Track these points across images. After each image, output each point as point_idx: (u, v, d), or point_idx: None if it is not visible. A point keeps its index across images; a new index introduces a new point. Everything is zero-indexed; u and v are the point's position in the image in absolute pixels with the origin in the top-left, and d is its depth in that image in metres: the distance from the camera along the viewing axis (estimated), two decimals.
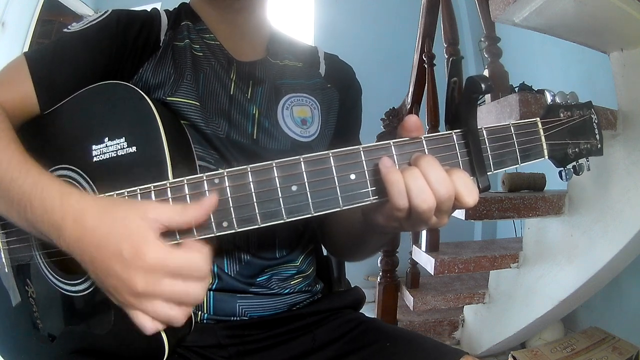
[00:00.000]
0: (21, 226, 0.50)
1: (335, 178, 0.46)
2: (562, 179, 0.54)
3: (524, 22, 1.25)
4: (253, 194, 0.45)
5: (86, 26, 0.64)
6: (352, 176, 0.46)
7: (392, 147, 0.47)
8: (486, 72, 1.58)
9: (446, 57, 1.73)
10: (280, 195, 0.45)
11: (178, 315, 0.44)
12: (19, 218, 0.49)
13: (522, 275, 1.70)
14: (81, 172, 0.55)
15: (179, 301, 0.43)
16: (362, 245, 0.68)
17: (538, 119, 0.51)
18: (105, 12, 0.65)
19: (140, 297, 0.43)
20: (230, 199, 0.45)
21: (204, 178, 0.45)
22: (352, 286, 0.83)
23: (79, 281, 0.56)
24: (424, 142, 0.47)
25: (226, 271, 0.65)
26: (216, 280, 0.65)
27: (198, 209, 0.45)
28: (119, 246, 0.42)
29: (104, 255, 0.43)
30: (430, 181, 0.44)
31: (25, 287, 0.63)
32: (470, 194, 0.45)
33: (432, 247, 1.73)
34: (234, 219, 0.45)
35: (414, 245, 1.86)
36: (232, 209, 0.45)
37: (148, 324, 0.44)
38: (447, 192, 0.44)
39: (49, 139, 0.59)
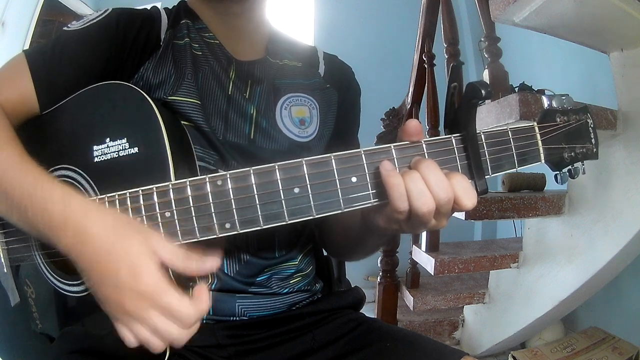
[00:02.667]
0: (21, 227, 0.50)
1: (337, 180, 0.46)
2: (557, 182, 0.55)
3: (524, 22, 1.25)
4: (255, 195, 0.45)
5: (86, 25, 0.63)
6: (354, 179, 0.46)
7: (393, 150, 0.47)
8: (486, 72, 1.58)
9: (446, 57, 1.73)
10: (282, 197, 0.45)
11: (157, 344, 0.45)
12: (19, 218, 0.49)
13: (522, 275, 1.70)
14: (82, 173, 0.55)
15: (160, 335, 0.44)
16: (360, 245, 0.68)
17: (535, 123, 0.52)
18: (105, 10, 0.65)
19: (126, 316, 0.44)
20: (233, 200, 0.45)
21: (207, 179, 0.46)
22: (352, 286, 0.83)
23: (79, 281, 0.56)
24: (423, 145, 0.48)
25: (226, 271, 0.65)
26: (215, 281, 0.65)
27: (199, 265, 0.46)
28: (117, 266, 0.44)
29: (102, 269, 0.44)
30: (430, 185, 0.45)
31: (25, 287, 0.63)
32: (468, 197, 0.46)
33: (432, 247, 1.73)
34: (236, 221, 0.45)
35: (414, 245, 1.86)
36: (234, 210, 0.45)
37: (130, 339, 0.45)
38: (447, 195, 0.45)
39: (50, 138, 0.59)
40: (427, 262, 1.68)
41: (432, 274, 1.66)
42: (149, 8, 0.70)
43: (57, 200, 0.46)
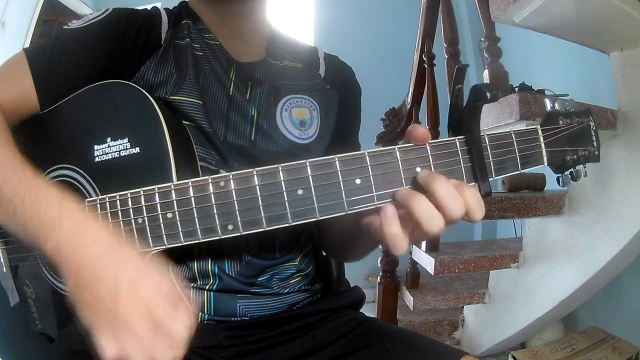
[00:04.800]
0: (7, 226, 0.49)
1: (341, 182, 0.46)
2: (559, 184, 0.55)
3: (524, 22, 1.25)
4: (259, 197, 0.45)
5: (87, 24, 0.63)
6: (358, 180, 0.46)
7: (397, 152, 0.47)
8: (486, 72, 1.58)
9: (446, 57, 1.72)
10: (286, 198, 0.45)
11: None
12: (7, 217, 0.48)
13: (522, 275, 1.70)
14: (82, 172, 0.54)
15: (146, 352, 0.42)
16: (354, 246, 0.68)
17: (538, 126, 0.52)
18: (106, 10, 0.65)
19: (115, 319, 0.42)
20: (235, 202, 0.45)
21: (209, 180, 0.45)
22: (352, 286, 0.83)
23: None
24: (428, 148, 0.48)
25: (227, 272, 0.65)
26: (217, 281, 0.65)
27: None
28: (117, 270, 0.42)
29: (97, 272, 0.42)
30: (445, 203, 0.45)
31: (24, 287, 0.63)
32: (480, 210, 0.46)
33: (432, 247, 1.73)
34: (239, 222, 0.45)
35: (414, 245, 1.86)
36: (237, 212, 0.45)
37: (111, 352, 0.42)
38: (461, 211, 0.45)
39: (50, 137, 0.59)
40: (427, 262, 1.68)
41: (432, 274, 1.66)
42: (149, 8, 0.70)
43: (54, 200, 0.46)
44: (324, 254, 0.83)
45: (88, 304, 0.43)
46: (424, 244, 1.75)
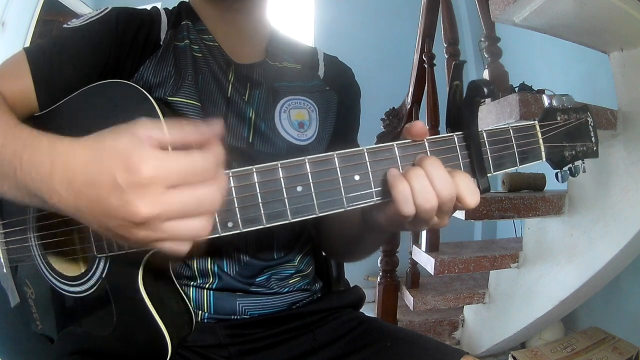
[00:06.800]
0: (12, 195, 0.45)
1: (340, 179, 0.46)
2: (558, 180, 0.55)
3: (524, 22, 1.25)
4: (258, 194, 0.45)
5: (86, 22, 0.63)
6: (357, 177, 0.46)
7: (396, 148, 0.47)
8: (486, 72, 1.58)
9: (446, 57, 1.73)
10: (285, 195, 0.45)
11: (201, 225, 0.39)
12: (9, 184, 0.44)
13: (522, 275, 1.70)
14: None
15: (195, 211, 0.38)
16: (359, 245, 0.68)
17: (536, 122, 0.52)
18: (105, 9, 0.65)
19: (151, 224, 0.37)
20: (235, 199, 0.45)
21: None
22: (352, 286, 0.83)
23: (80, 282, 0.56)
24: (426, 144, 0.48)
25: (226, 271, 0.65)
26: (216, 280, 0.65)
27: (199, 130, 0.40)
28: (111, 172, 0.36)
29: (100, 192, 0.37)
30: (433, 181, 0.45)
31: (24, 287, 0.63)
32: (472, 195, 0.46)
33: (432, 247, 1.73)
34: (239, 219, 0.45)
35: (414, 245, 1.86)
36: (237, 209, 0.45)
37: (176, 247, 0.39)
38: (450, 193, 0.45)
39: None
40: (427, 262, 1.68)
41: (432, 274, 1.66)
42: (148, 8, 0.70)
43: (44, 146, 0.42)
44: (323, 254, 0.83)
45: (120, 231, 0.38)
46: (424, 244, 1.75)
